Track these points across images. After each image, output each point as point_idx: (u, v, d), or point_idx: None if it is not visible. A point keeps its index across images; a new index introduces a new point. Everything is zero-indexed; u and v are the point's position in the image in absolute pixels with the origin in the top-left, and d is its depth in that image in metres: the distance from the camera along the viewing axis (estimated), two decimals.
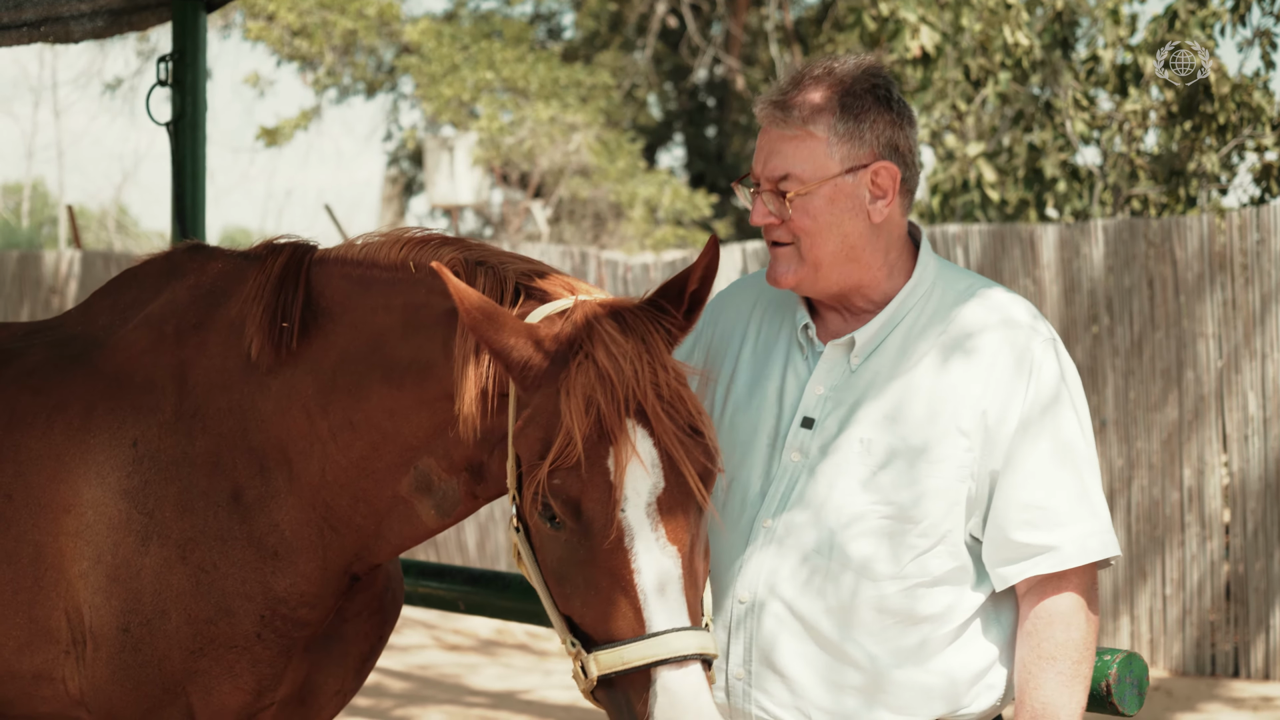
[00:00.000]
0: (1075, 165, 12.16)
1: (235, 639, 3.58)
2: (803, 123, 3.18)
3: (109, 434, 3.69)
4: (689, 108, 28.79)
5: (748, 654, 3.19)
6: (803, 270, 3.21)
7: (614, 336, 2.93)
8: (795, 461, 3.21)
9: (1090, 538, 3.08)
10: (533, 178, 24.36)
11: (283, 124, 25.95)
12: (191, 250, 3.96)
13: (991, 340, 3.13)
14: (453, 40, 24.64)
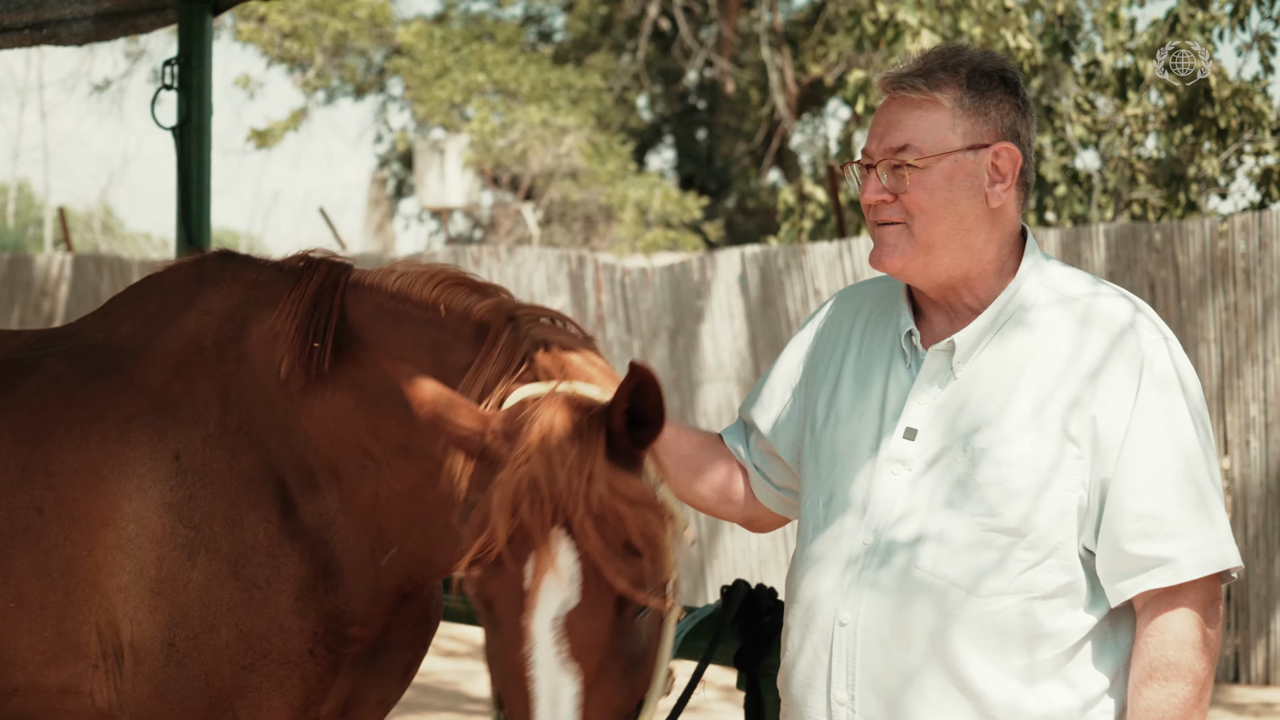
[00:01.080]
0: (1075, 169, 12.15)
1: (289, 654, 3.55)
2: (930, 89, 3.05)
3: (149, 447, 3.63)
4: (679, 110, 28.78)
5: (850, 678, 3.06)
6: (912, 251, 3.07)
7: (561, 443, 2.85)
8: (897, 476, 3.07)
9: (1209, 548, 2.89)
10: (523, 180, 24.35)
11: (273, 126, 25.92)
12: (222, 258, 3.91)
13: (1100, 342, 2.97)
14: (444, 42, 24.63)
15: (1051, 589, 2.95)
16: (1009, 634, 2.95)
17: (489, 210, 25.93)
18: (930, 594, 2.98)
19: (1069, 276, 3.11)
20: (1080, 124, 11.83)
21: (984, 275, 3.09)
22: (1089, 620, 2.97)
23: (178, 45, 6.21)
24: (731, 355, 11.46)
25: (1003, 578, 2.95)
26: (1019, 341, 3.03)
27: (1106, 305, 3.03)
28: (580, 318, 12.06)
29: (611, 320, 11.98)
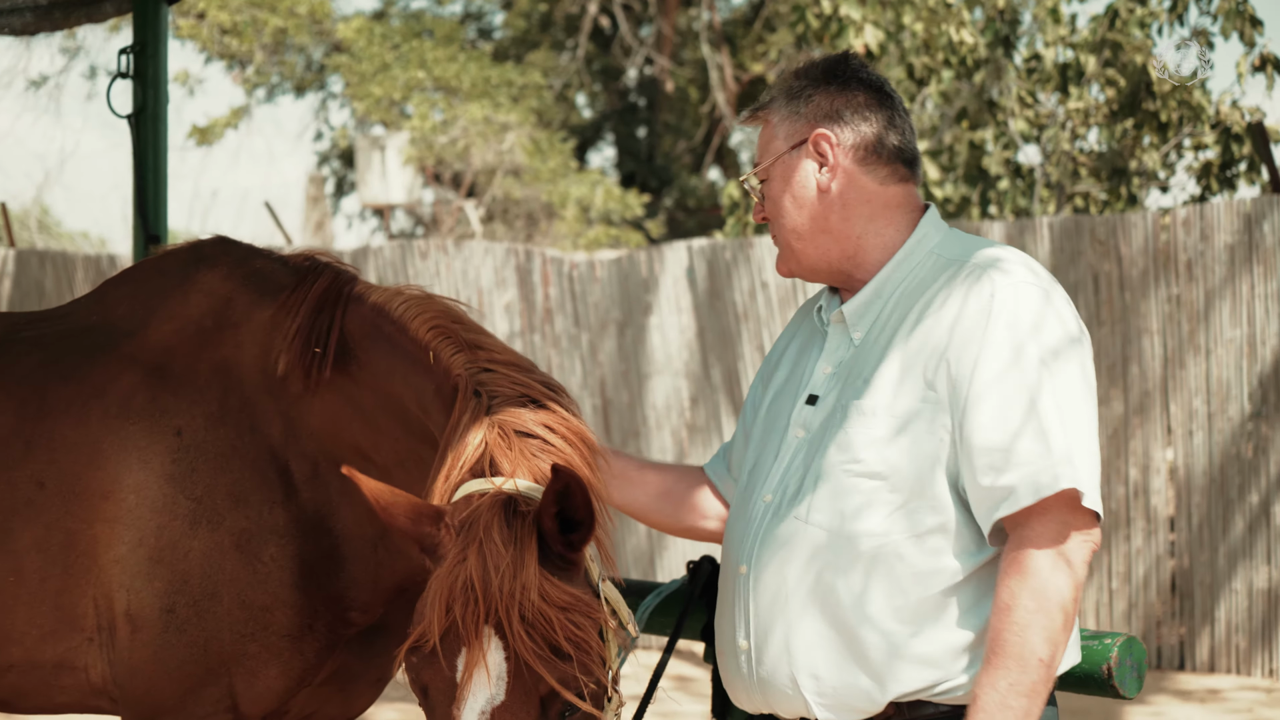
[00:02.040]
0: (1018, 163, 12.26)
1: (289, 629, 3.65)
2: (758, 111, 3.38)
3: (150, 422, 3.71)
4: (620, 108, 28.81)
5: (748, 625, 3.22)
6: (785, 253, 3.35)
7: (496, 547, 2.95)
8: (799, 438, 3.24)
9: (1041, 474, 2.97)
10: (465, 177, 24.31)
11: (213, 123, 25.78)
12: (221, 243, 3.97)
13: (961, 292, 3.11)
14: (383, 39, 24.57)
15: (923, 529, 3.07)
16: (883, 575, 3.08)
17: (430, 207, 25.89)
18: (809, 541, 3.13)
19: (956, 241, 3.28)
20: (1022, 118, 11.94)
21: (864, 251, 3.29)
22: (970, 562, 3.08)
23: (133, 33, 6.22)
24: (680, 348, 11.52)
25: (872, 520, 3.09)
26: (904, 306, 3.20)
27: (977, 262, 3.17)
28: (528, 311, 12.09)
29: (559, 314, 12.01)
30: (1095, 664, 3.37)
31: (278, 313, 3.72)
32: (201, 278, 3.88)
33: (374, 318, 3.63)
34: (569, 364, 11.95)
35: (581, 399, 11.86)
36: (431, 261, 12.59)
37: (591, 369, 11.87)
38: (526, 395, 3.29)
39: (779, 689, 3.17)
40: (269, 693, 3.71)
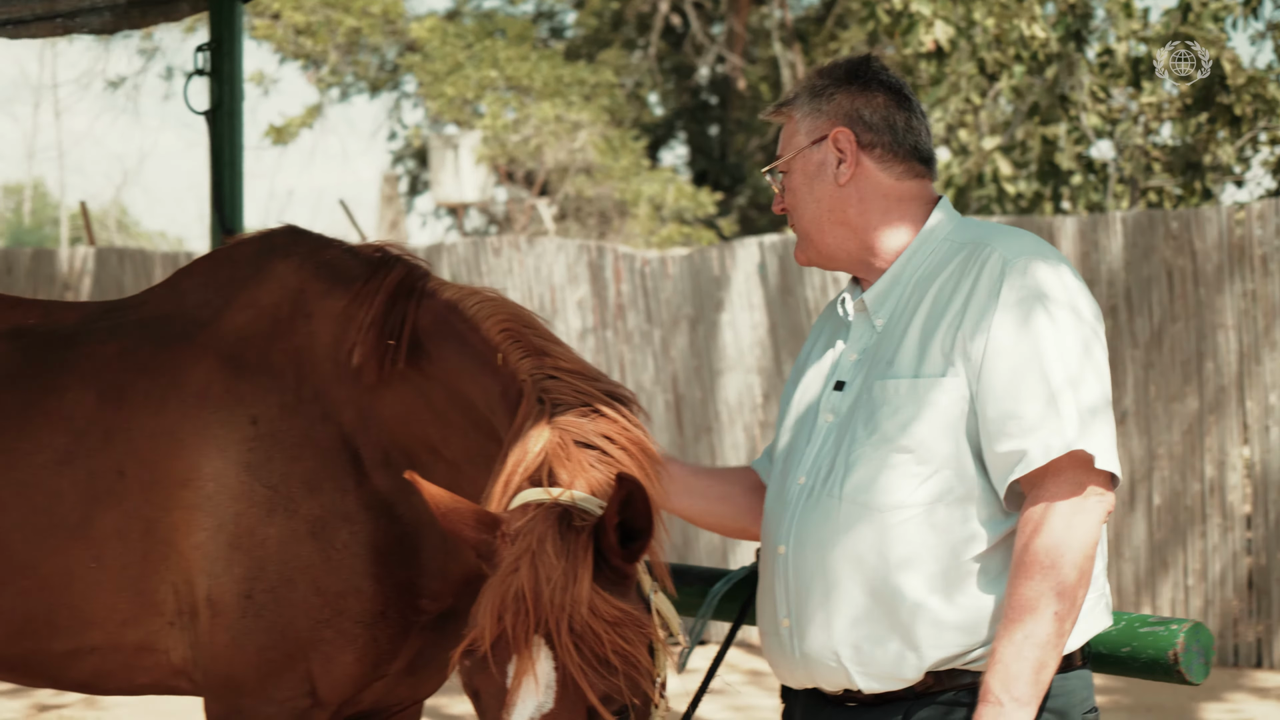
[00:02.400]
0: (1090, 158, 12.20)
1: (363, 615, 3.71)
2: (782, 108, 3.54)
3: (226, 412, 3.79)
4: (691, 106, 28.82)
5: (788, 603, 3.33)
6: (803, 243, 3.51)
7: (548, 558, 3.01)
8: (829, 422, 3.37)
9: (1053, 436, 3.10)
10: (538, 175, 24.40)
11: (288, 122, 25.99)
12: (292, 232, 4.04)
13: (974, 270, 3.27)
14: (456, 38, 24.69)
15: (951, 499, 3.19)
16: (917, 545, 3.20)
17: (504, 206, 25.99)
18: (843, 517, 3.25)
19: (969, 226, 3.44)
20: (1095, 113, 11.88)
21: (880, 241, 3.44)
22: (997, 530, 3.20)
23: (209, 31, 6.30)
24: (752, 344, 11.54)
25: (902, 492, 3.20)
26: (921, 289, 3.35)
27: (987, 240, 3.33)
28: (600, 308, 12.14)
29: (631, 310, 12.05)
30: (1161, 650, 3.38)
31: (351, 303, 3.78)
32: (274, 267, 3.94)
33: (446, 314, 3.69)
34: (641, 360, 11.99)
35: (654, 395, 11.91)
36: (505, 258, 12.66)
37: (664, 365, 11.91)
38: (589, 404, 3.33)
39: (821, 662, 3.27)
40: (346, 678, 3.77)
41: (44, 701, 9.37)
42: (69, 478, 3.87)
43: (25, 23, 7.02)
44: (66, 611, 3.88)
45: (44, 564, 3.87)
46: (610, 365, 12.09)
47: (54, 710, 9.19)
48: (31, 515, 3.88)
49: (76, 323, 4.15)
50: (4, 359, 4.08)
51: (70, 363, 4.00)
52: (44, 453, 3.91)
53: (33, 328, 4.16)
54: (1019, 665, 3.04)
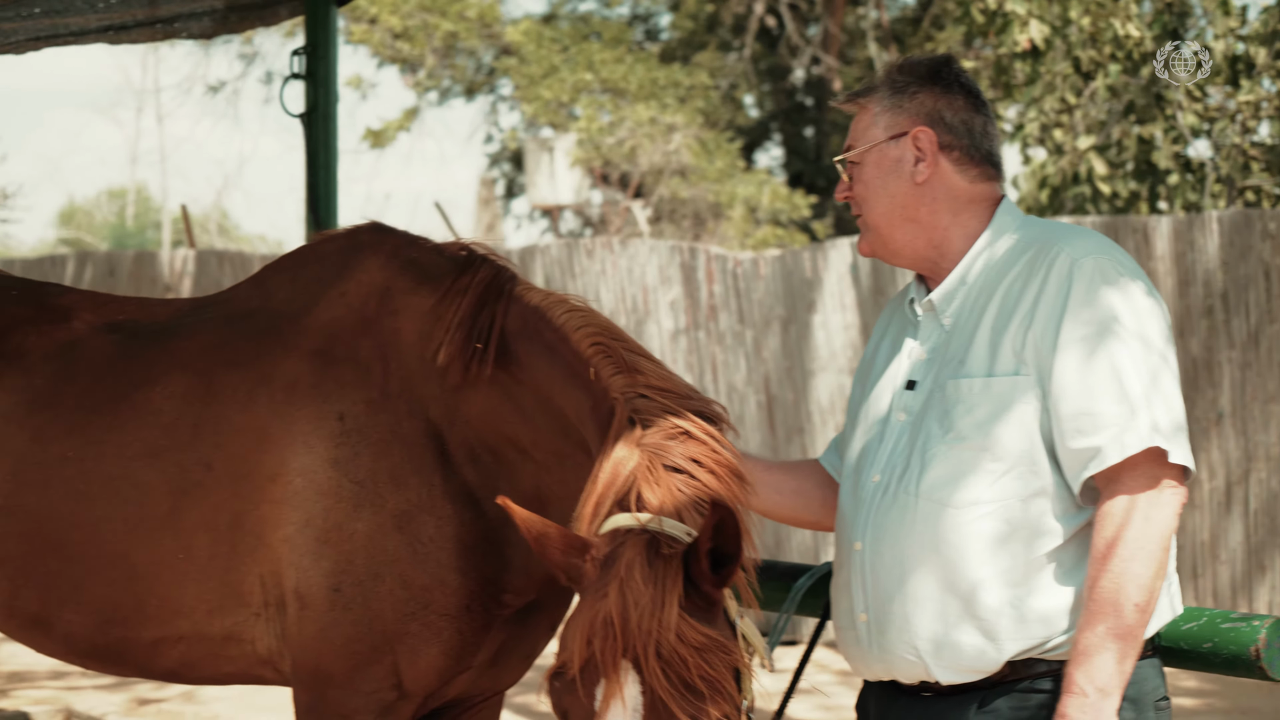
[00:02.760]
0: (1187, 157, 12.10)
1: (448, 608, 3.78)
2: (858, 98, 3.56)
3: (314, 408, 3.86)
4: (786, 107, 28.79)
5: (866, 598, 3.40)
6: (869, 235, 3.55)
7: (637, 585, 3.05)
8: (901, 421, 3.44)
9: (1127, 434, 3.16)
10: (632, 178, 24.46)
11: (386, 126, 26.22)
12: (378, 229, 4.10)
13: (1042, 270, 3.32)
14: (552, 42, 24.81)
15: (1026, 495, 3.26)
16: (991, 541, 3.28)
17: (599, 208, 26.08)
18: (919, 514, 3.32)
19: (1034, 226, 3.50)
20: (1191, 111, 11.78)
21: (949, 240, 3.50)
22: (1071, 524, 3.27)
23: (305, 35, 6.42)
24: (844, 345, 11.54)
25: (977, 489, 3.28)
26: (989, 289, 3.41)
27: (1054, 240, 3.39)
28: (692, 309, 12.18)
29: (724, 310, 12.08)
30: (1243, 646, 3.39)
31: (439, 303, 3.83)
32: (360, 264, 4.00)
33: (535, 321, 3.73)
34: (733, 361, 12.02)
35: (746, 396, 11.94)
36: (598, 259, 12.72)
37: (756, 366, 11.93)
38: (679, 426, 3.37)
39: (899, 656, 3.35)
40: (431, 670, 3.83)
41: (144, 695, 9.53)
42: (158, 470, 3.96)
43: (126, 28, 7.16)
44: (155, 601, 3.97)
45: (133, 554, 3.97)
46: (702, 366, 12.13)
47: (153, 704, 9.35)
48: (121, 507, 3.98)
49: (167, 318, 4.24)
50: (97, 354, 4.18)
51: (159, 358, 4.09)
52: (133, 446, 4.00)
53: (124, 324, 4.26)
54: (1103, 657, 3.11)
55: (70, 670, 10.12)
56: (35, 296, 4.43)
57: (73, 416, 4.09)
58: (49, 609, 4.10)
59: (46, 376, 4.16)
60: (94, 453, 4.03)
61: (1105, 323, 3.24)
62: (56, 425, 4.09)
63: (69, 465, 4.04)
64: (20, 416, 4.13)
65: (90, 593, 4.03)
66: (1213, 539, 10.22)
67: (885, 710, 3.46)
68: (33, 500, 4.06)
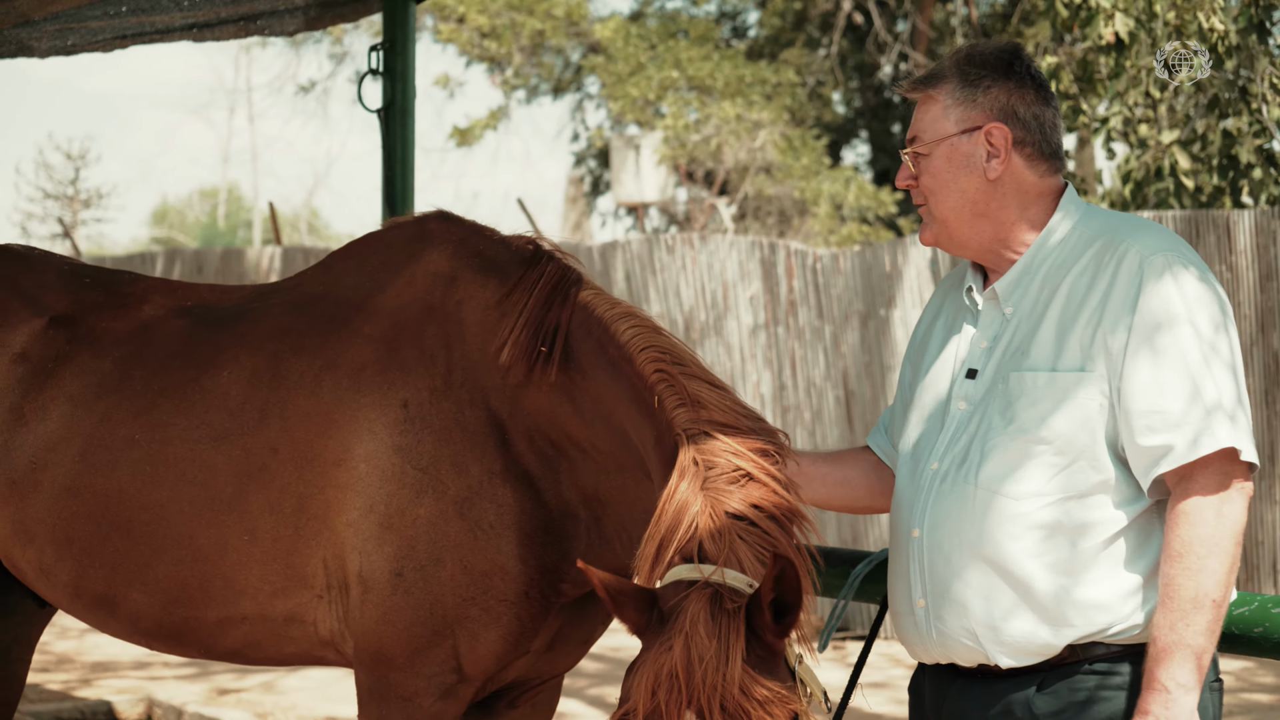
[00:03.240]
0: (1272, 151, 11.99)
1: (507, 594, 3.84)
2: (925, 88, 3.51)
3: (379, 394, 3.93)
4: (874, 104, 28.73)
5: (924, 584, 3.44)
6: (935, 226, 3.54)
7: (700, 639, 3.13)
8: (961, 410, 3.46)
9: (1201, 434, 3.19)
10: (718, 175, 24.49)
11: (473, 124, 26.38)
12: (444, 218, 4.16)
13: (1111, 265, 3.34)
14: (639, 39, 24.87)
15: (1086, 487, 3.30)
16: (1052, 530, 3.31)
17: (684, 206, 26.12)
18: (979, 503, 3.36)
19: (1097, 216, 3.50)
20: (1276, 105, 11.68)
21: (1015, 233, 3.51)
22: (1132, 510, 3.31)
23: (383, 31, 6.51)
24: None
25: (1038, 481, 3.31)
26: (1053, 280, 3.42)
27: (1121, 235, 3.40)
28: (772, 304, 12.20)
29: (803, 306, 12.10)
30: (1258, 624, 3.45)
31: (505, 299, 3.88)
32: (427, 254, 4.05)
33: (600, 334, 3.78)
34: (812, 356, 12.03)
35: (824, 391, 11.95)
36: (678, 255, 12.77)
37: (834, 361, 11.94)
38: (741, 469, 3.42)
39: (958, 641, 3.40)
40: (490, 655, 3.89)
41: (224, 685, 9.67)
42: (224, 453, 4.04)
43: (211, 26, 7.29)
44: (220, 581, 4.05)
45: (199, 535, 4.05)
46: (781, 362, 12.15)
47: (233, 694, 9.48)
48: (187, 489, 4.07)
49: (235, 304, 4.32)
50: (165, 339, 4.27)
51: (227, 342, 4.17)
52: (200, 429, 4.09)
53: (193, 309, 4.35)
54: (1182, 654, 3.16)
55: (153, 660, 10.29)
56: (107, 284, 4.53)
57: (141, 400, 4.18)
58: (115, 589, 4.19)
59: (116, 360, 4.26)
60: (161, 436, 4.12)
61: (1177, 320, 3.26)
62: (125, 408, 4.19)
63: (137, 447, 4.13)
64: (90, 400, 4.23)
65: (156, 573, 4.12)
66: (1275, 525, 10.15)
67: (942, 691, 3.50)
68: (101, 482, 4.16)
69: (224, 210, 47.80)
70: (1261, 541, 10.27)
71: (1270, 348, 10.17)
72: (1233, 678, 9.53)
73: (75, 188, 37.82)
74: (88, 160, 38.08)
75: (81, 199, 37.84)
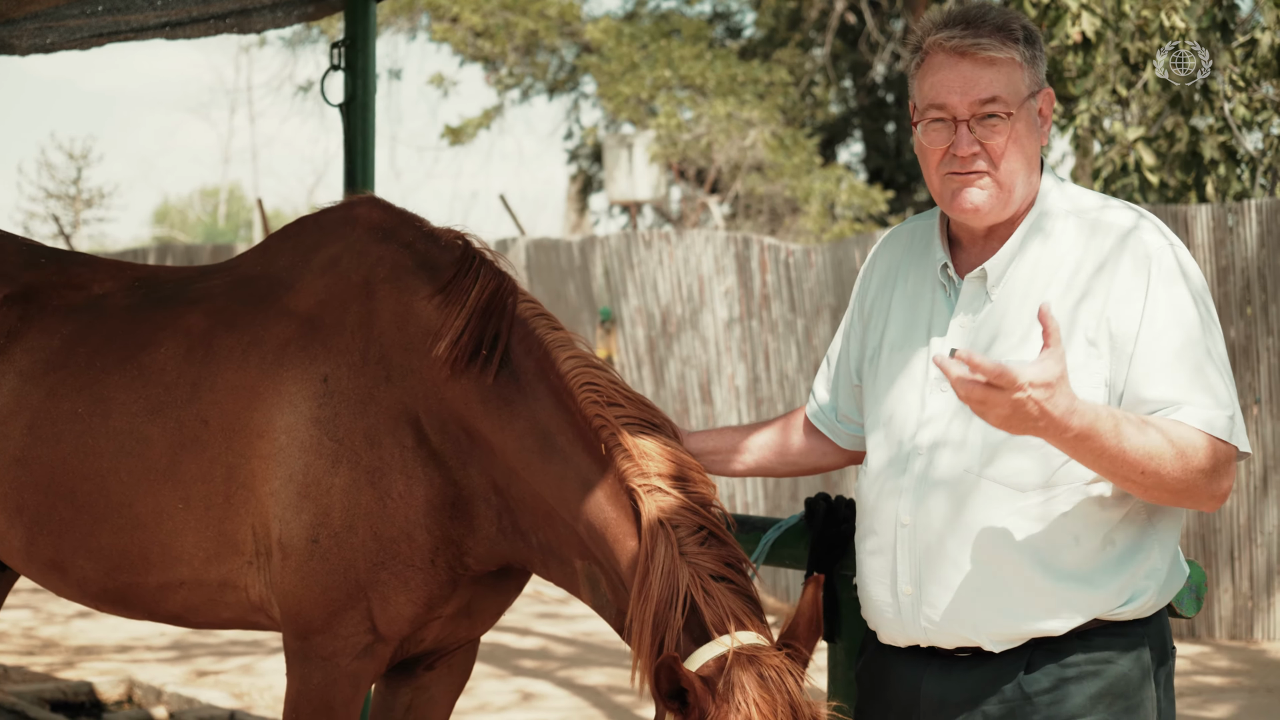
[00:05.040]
0: (1234, 148, 12.19)
1: (414, 559, 4.02)
2: (1004, 46, 3.33)
3: (301, 369, 4.11)
4: (867, 104, 28.89)
5: (914, 571, 3.42)
6: (998, 193, 3.37)
7: (761, 695, 3.38)
8: (945, 392, 3.39)
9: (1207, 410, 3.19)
10: (709, 174, 24.67)
11: (465, 123, 26.58)
12: (372, 203, 4.36)
13: (1108, 248, 3.31)
14: (632, 39, 25.03)
15: (1089, 477, 3.27)
16: (1052, 520, 3.30)
17: (677, 204, 26.30)
18: (978, 492, 3.33)
19: (1082, 193, 3.45)
20: (1239, 101, 11.88)
21: (1023, 199, 3.43)
22: (1129, 504, 3.31)
23: (344, 29, 6.72)
24: None
25: (1041, 472, 3.29)
26: (1039, 255, 3.38)
27: (1113, 215, 3.38)
28: (746, 298, 12.42)
29: (776, 299, 12.32)
30: None
31: (439, 293, 4.06)
32: (354, 235, 4.25)
33: (540, 357, 3.96)
34: (784, 349, 12.25)
35: (797, 383, 12.16)
36: (655, 250, 12.99)
37: (806, 353, 12.16)
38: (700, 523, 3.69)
39: (949, 630, 3.41)
40: (401, 617, 4.08)
41: (204, 668, 9.88)
42: (159, 426, 4.25)
43: (182, 24, 7.51)
44: (158, 549, 4.27)
45: (137, 504, 4.27)
46: (755, 354, 12.37)
47: (212, 675, 9.69)
48: (126, 460, 4.28)
49: (177, 283, 4.55)
50: (109, 316, 4.49)
51: (166, 320, 4.38)
52: (138, 403, 4.30)
53: (138, 288, 4.57)
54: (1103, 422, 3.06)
55: (135, 644, 10.51)
56: (62, 263, 4.76)
57: (85, 374, 4.40)
58: (63, 555, 4.42)
59: (63, 337, 4.49)
60: (102, 409, 4.34)
61: (1183, 311, 3.25)
62: (70, 383, 4.41)
63: (79, 420, 4.36)
64: (38, 374, 4.45)
65: (99, 540, 4.34)
66: (1249, 522, 10.35)
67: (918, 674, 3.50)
68: (47, 453, 4.39)
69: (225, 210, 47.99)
70: (1219, 530, 10.47)
71: (1227, 339, 10.36)
72: (1187, 661, 9.73)
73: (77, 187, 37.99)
74: (90, 160, 38.25)
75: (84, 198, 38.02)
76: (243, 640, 10.62)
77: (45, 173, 37.91)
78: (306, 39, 29.28)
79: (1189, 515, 10.40)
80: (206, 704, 8.61)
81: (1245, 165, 12.29)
